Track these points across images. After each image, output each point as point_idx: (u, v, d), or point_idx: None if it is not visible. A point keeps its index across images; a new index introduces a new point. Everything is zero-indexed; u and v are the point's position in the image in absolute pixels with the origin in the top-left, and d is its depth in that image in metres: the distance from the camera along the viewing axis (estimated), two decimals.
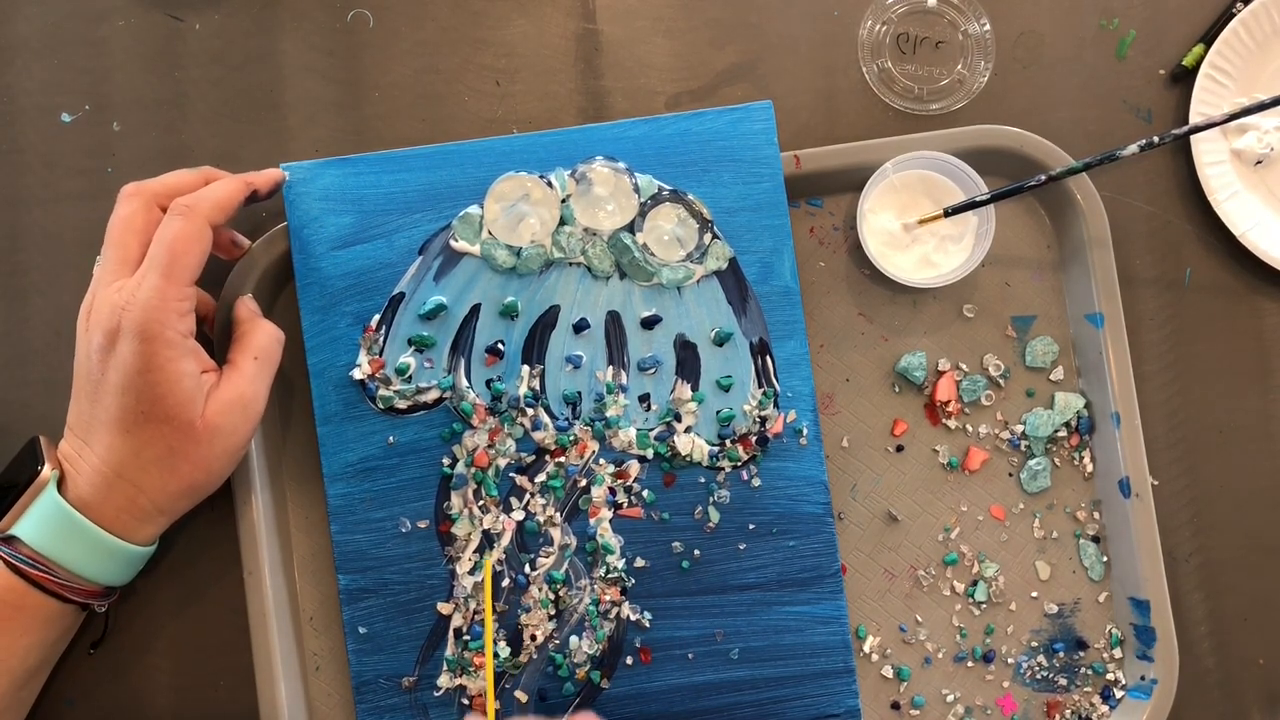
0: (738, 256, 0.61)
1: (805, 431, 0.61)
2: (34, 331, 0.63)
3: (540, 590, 0.60)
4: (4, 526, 0.54)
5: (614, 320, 0.61)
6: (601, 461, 0.61)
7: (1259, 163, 0.65)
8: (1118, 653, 0.63)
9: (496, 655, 0.60)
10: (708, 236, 0.61)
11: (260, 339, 0.57)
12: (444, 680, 0.60)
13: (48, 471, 0.54)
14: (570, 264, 0.61)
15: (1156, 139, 0.61)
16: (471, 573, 0.60)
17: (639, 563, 0.60)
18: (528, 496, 0.61)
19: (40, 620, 0.55)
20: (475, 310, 0.61)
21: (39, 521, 0.54)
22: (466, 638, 0.60)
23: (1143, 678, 0.62)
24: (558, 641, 0.60)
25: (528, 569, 0.60)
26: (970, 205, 0.61)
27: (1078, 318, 0.64)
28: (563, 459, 0.61)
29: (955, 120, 0.65)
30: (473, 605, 0.60)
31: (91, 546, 0.54)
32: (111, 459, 0.53)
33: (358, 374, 0.60)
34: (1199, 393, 0.65)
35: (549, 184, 0.60)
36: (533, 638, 0.60)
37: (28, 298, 0.64)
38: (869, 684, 0.63)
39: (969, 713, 0.63)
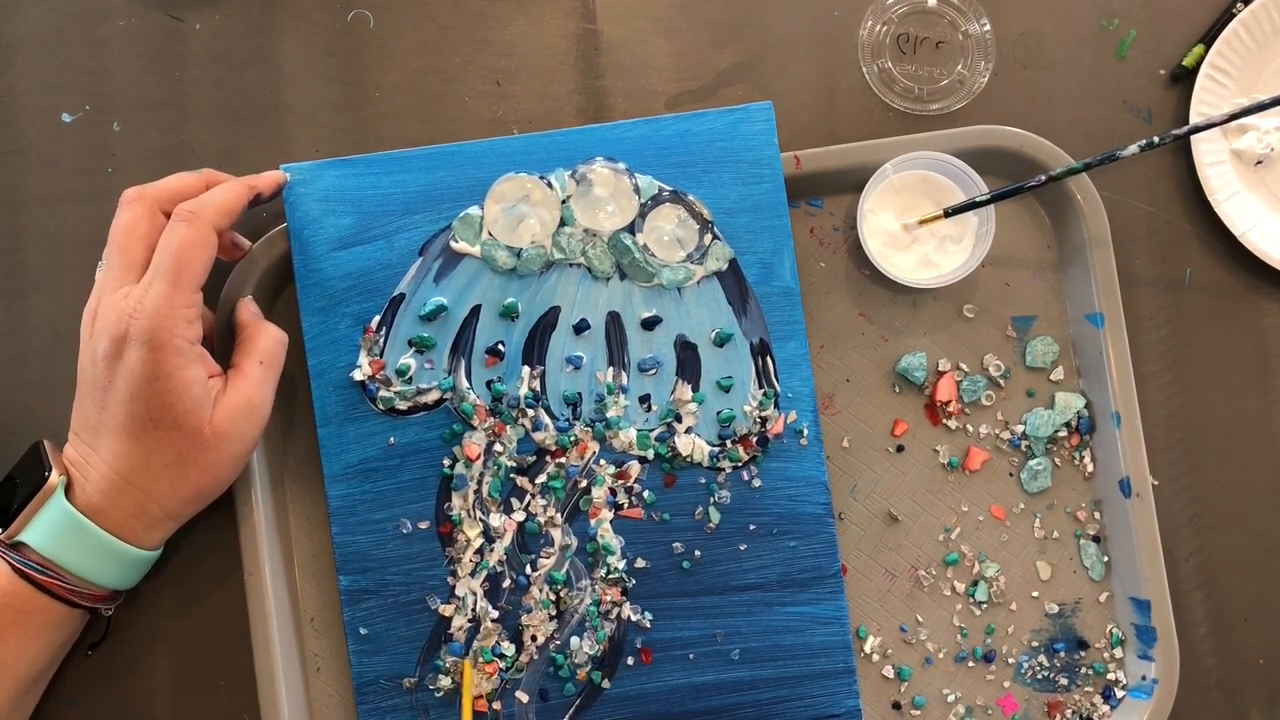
0: (738, 257, 0.61)
1: (806, 432, 0.61)
2: (34, 331, 0.63)
3: (541, 591, 0.60)
4: (12, 533, 0.54)
5: (614, 321, 0.61)
6: (602, 462, 0.61)
7: (1259, 163, 0.65)
8: (1118, 652, 0.63)
9: (503, 656, 0.60)
10: (708, 237, 0.61)
11: (265, 343, 0.57)
12: (445, 681, 0.60)
13: (55, 478, 0.54)
14: (570, 265, 0.61)
15: (1156, 139, 0.61)
16: (473, 574, 0.60)
17: (640, 563, 0.60)
18: (528, 497, 0.61)
19: (48, 625, 0.55)
20: (475, 311, 0.61)
21: (47, 528, 0.54)
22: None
23: (1143, 677, 0.62)
24: (559, 642, 0.60)
25: (528, 570, 0.60)
26: (970, 205, 0.61)
27: (1078, 318, 0.64)
28: (563, 460, 0.61)
29: (955, 120, 0.65)
30: (471, 604, 0.60)
31: (100, 552, 0.54)
32: (120, 465, 0.53)
33: (358, 375, 0.60)
34: (1199, 393, 0.65)
35: (549, 185, 0.60)
36: (534, 638, 0.60)
37: (28, 298, 0.64)
38: (870, 684, 0.63)
39: (970, 713, 0.63)
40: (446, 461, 0.60)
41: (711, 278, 0.61)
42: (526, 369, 0.61)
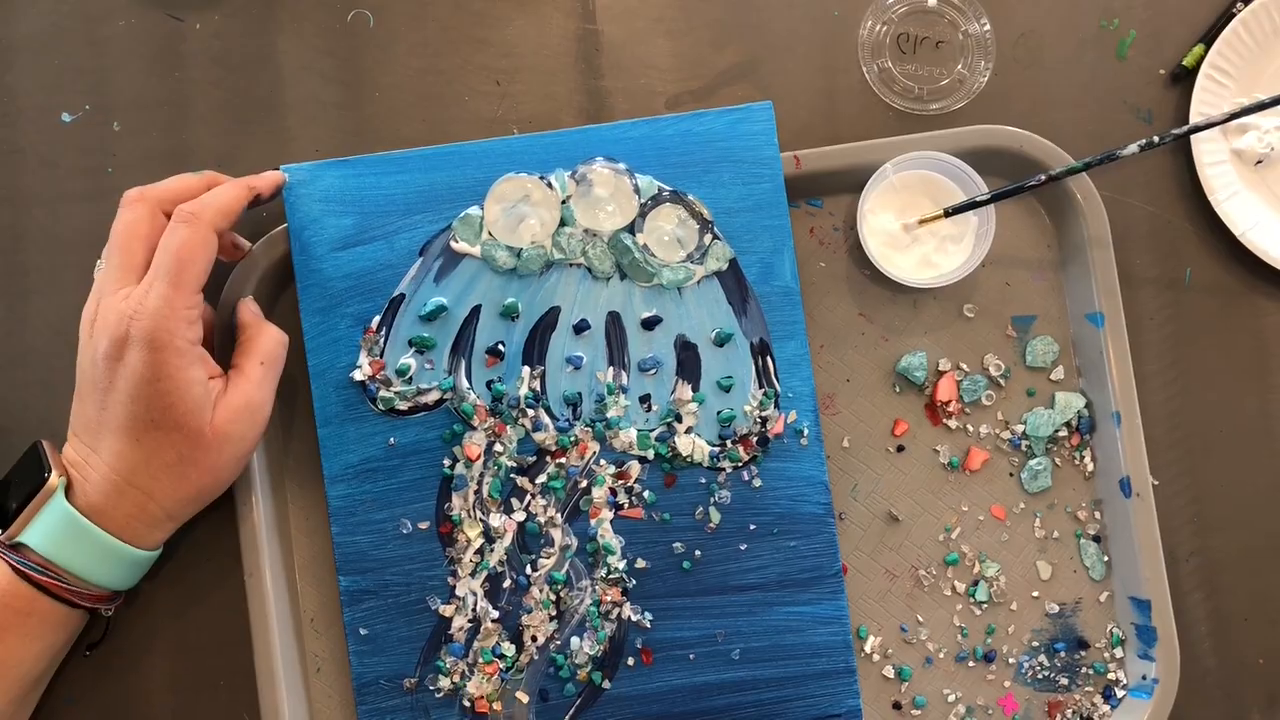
0: (738, 257, 0.61)
1: (806, 432, 0.61)
2: (34, 331, 0.63)
3: (541, 591, 0.60)
4: (12, 534, 0.54)
5: (614, 321, 0.61)
6: (602, 462, 0.61)
7: (1259, 163, 0.65)
8: (1119, 652, 0.63)
9: (503, 657, 0.60)
10: (708, 237, 0.61)
11: (266, 344, 0.57)
12: (445, 682, 0.60)
13: (55, 478, 0.54)
14: (571, 265, 0.61)
15: (1156, 139, 0.61)
16: (473, 574, 0.60)
17: (640, 563, 0.60)
18: (528, 497, 0.61)
19: (50, 626, 0.55)
20: (476, 311, 0.61)
21: (48, 529, 0.54)
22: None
23: (1144, 677, 0.62)
24: (559, 642, 0.60)
25: (529, 570, 0.60)
26: (970, 205, 0.61)
27: (1078, 317, 0.64)
28: (563, 460, 0.61)
29: (955, 120, 0.65)
30: (472, 604, 0.60)
31: (101, 553, 0.54)
32: (121, 466, 0.53)
33: (358, 375, 0.60)
34: (1199, 393, 0.65)
35: (549, 185, 0.60)
36: (534, 639, 0.60)
37: (28, 298, 0.64)
38: (870, 684, 0.63)
39: (970, 713, 0.63)
40: (446, 462, 0.60)
41: (711, 278, 0.61)
42: (526, 369, 0.61)
